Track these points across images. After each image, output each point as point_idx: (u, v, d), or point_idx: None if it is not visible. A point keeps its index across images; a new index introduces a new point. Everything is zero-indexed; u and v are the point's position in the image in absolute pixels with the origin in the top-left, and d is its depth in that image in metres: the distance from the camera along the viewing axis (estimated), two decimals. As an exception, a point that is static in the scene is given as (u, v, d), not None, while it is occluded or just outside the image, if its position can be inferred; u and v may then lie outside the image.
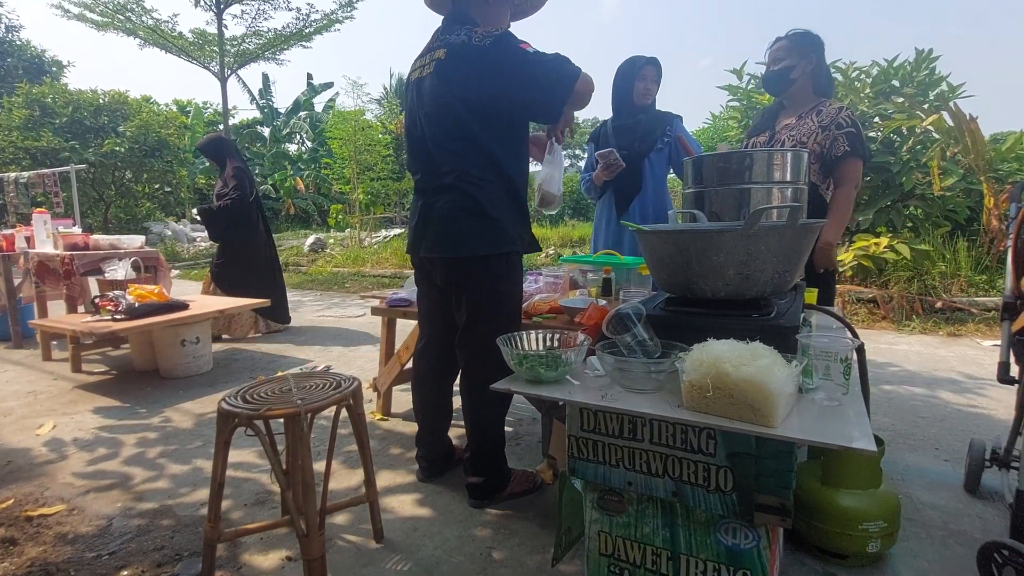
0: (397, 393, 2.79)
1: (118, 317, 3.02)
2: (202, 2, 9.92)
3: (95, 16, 10.02)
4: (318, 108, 19.31)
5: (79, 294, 4.04)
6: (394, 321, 2.66)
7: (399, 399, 2.77)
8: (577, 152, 27.27)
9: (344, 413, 1.44)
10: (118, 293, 3.21)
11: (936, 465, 2.07)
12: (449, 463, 2.04)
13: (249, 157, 18.39)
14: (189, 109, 17.93)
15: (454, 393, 1.98)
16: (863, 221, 5.09)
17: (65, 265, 3.87)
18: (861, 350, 1.27)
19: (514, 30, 1.74)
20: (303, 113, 18.94)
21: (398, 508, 1.81)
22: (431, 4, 1.80)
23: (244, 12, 10.38)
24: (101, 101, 11.12)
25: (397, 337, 2.70)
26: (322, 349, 3.99)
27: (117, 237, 4.26)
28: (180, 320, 3.13)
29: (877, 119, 5.14)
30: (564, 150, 2.02)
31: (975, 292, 4.67)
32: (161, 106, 15.46)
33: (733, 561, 1.09)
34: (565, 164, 2.17)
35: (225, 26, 10.31)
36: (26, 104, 10.34)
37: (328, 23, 10.92)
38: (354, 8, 10.72)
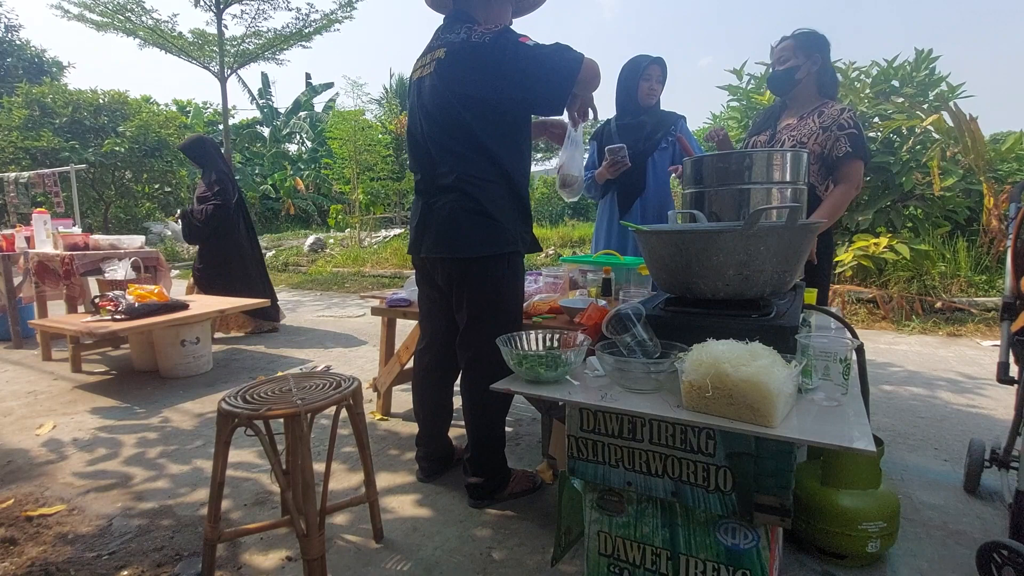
0: (397, 393, 2.79)
1: (118, 317, 3.02)
2: (202, 2, 9.90)
3: (95, 16, 9.99)
4: (318, 108, 19.30)
5: (79, 294, 4.05)
6: (394, 321, 2.66)
7: (399, 399, 2.77)
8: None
9: (344, 413, 1.44)
10: (118, 293, 3.21)
11: (936, 465, 2.07)
12: (449, 463, 2.04)
13: (249, 157, 18.40)
14: (189, 109, 17.94)
15: (454, 393, 1.98)
16: (863, 221, 5.09)
17: (65, 265, 3.87)
18: (860, 350, 1.27)
19: (514, 26, 1.74)
20: (303, 113, 18.94)
21: (398, 508, 1.81)
22: (432, 3, 1.80)
23: (244, 12, 10.36)
24: (101, 101, 11.11)
25: (397, 337, 2.70)
26: (322, 349, 3.99)
27: (117, 237, 4.26)
28: (180, 320, 3.13)
29: (877, 119, 5.14)
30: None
31: (975, 292, 4.67)
32: (161, 106, 15.45)
33: (733, 561, 1.09)
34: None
35: (225, 26, 10.28)
36: (26, 104, 10.32)
37: (328, 23, 10.91)
38: (354, 8, 10.70)
